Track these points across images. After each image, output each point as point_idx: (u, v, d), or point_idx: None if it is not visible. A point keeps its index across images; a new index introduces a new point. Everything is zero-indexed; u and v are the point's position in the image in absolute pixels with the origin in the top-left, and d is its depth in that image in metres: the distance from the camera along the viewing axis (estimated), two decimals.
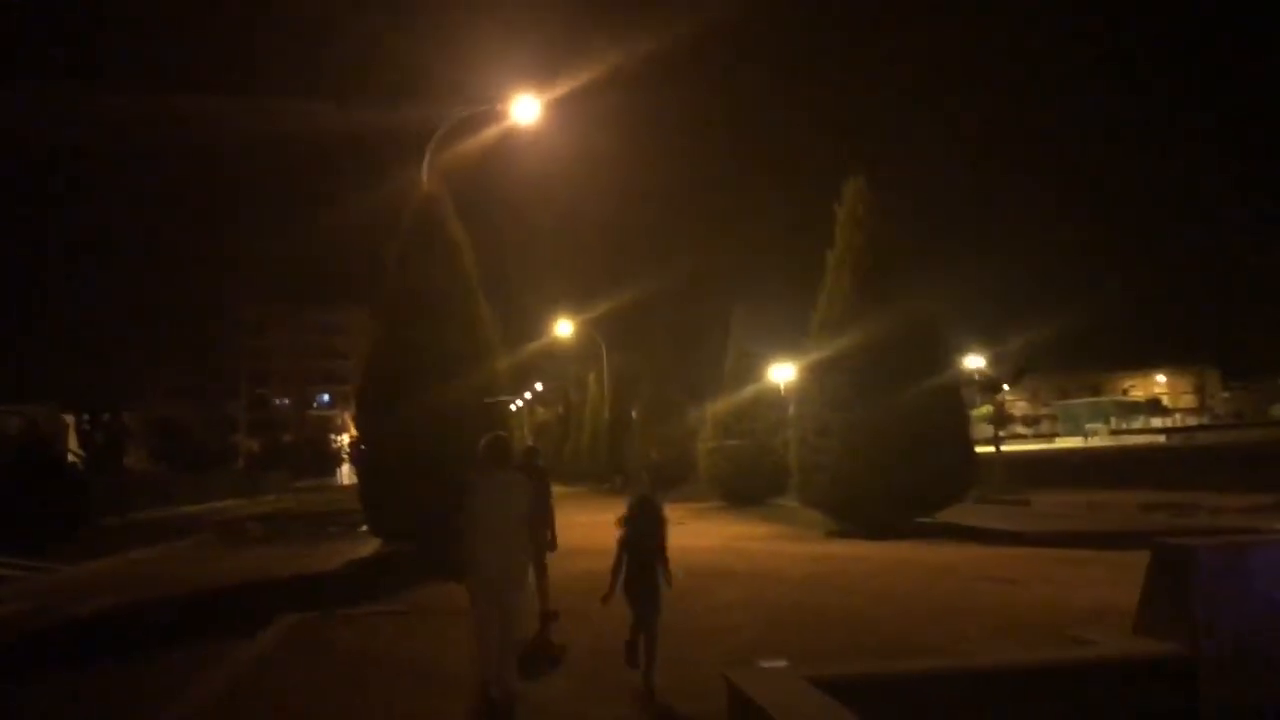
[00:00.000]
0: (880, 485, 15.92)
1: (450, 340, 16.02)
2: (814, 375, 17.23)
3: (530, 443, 10.56)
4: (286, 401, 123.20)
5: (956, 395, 17.25)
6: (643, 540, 6.93)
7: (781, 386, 31.58)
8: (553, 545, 9.44)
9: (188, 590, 14.22)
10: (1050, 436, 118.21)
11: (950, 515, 17.17)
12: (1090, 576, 10.82)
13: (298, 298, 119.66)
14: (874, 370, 16.17)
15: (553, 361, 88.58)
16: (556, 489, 11.77)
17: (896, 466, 15.77)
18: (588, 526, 17.09)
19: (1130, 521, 18.97)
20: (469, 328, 16.63)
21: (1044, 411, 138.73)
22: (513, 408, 27.40)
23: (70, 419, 53.16)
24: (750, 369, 28.49)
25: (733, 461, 26.87)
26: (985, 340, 42.45)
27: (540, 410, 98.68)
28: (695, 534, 18.89)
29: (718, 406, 28.94)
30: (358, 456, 16.66)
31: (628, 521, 7.02)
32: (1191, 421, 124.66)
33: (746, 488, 26.65)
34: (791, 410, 18.60)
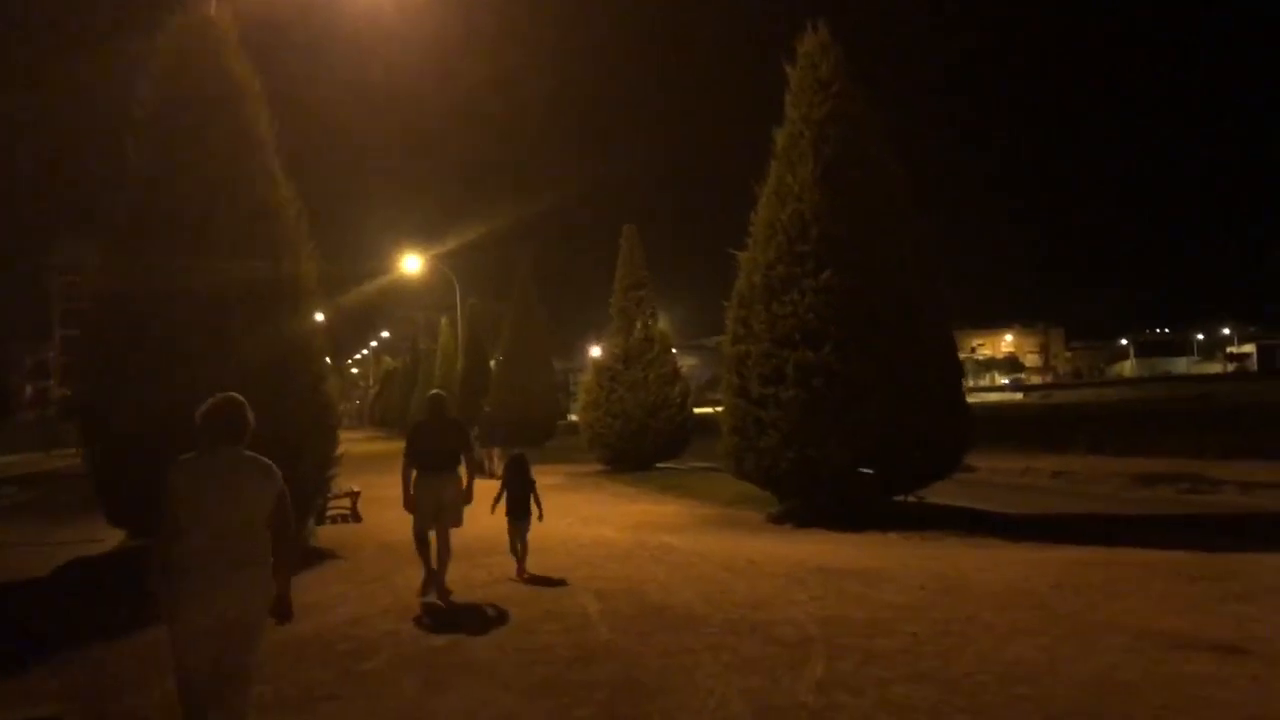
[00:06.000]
0: (854, 451, 11.29)
1: (225, 241, 10.57)
2: (758, 300, 12.27)
3: (434, 391, 8.91)
4: None
5: (948, 331, 12.70)
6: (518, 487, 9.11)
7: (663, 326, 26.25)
8: (468, 497, 8.42)
9: None
10: None
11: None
12: None
13: (123, 232, 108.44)
14: (850, 292, 11.42)
15: (400, 305, 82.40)
16: (400, 443, 9.51)
17: (878, 425, 11.17)
18: None
19: (1159, 503, 15.57)
20: (261, 223, 11.13)
21: None
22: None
23: None
24: (643, 304, 22.75)
25: (620, 417, 21.77)
26: None
27: (387, 360, 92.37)
28: (586, 517, 13.81)
29: (601, 353, 23.79)
30: (83, 422, 10.89)
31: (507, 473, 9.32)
32: (1036, 380, 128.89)
33: (635, 449, 21.76)
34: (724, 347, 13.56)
